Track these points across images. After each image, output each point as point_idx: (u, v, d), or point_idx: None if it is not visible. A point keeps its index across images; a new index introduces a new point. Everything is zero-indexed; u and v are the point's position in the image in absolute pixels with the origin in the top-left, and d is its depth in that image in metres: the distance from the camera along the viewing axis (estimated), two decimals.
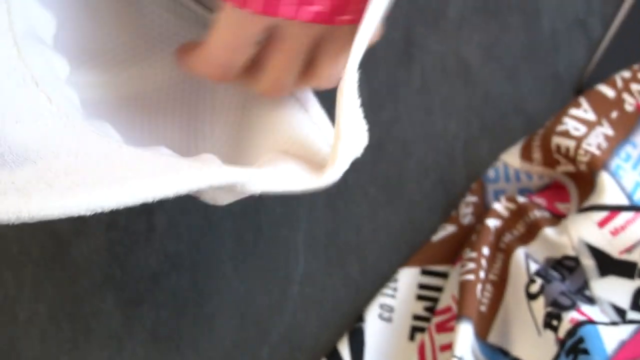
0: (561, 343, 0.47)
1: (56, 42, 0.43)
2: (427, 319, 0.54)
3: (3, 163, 0.31)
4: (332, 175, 0.39)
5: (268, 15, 0.38)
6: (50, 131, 0.35)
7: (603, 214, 0.50)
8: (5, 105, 0.35)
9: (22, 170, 0.32)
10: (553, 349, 0.48)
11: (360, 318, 0.54)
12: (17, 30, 0.38)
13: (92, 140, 0.35)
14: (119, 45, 0.49)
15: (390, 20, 0.57)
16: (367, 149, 0.56)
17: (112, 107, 0.49)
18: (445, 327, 0.53)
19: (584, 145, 0.52)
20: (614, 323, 0.49)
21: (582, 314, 0.48)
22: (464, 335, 0.49)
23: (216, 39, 0.42)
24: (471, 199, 0.55)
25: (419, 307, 0.54)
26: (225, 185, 0.35)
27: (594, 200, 0.51)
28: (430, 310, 0.54)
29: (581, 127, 0.53)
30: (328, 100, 0.44)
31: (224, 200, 0.42)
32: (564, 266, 0.51)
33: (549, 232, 0.51)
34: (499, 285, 0.53)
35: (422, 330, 0.54)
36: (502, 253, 0.53)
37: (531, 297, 0.50)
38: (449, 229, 0.55)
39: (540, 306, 0.49)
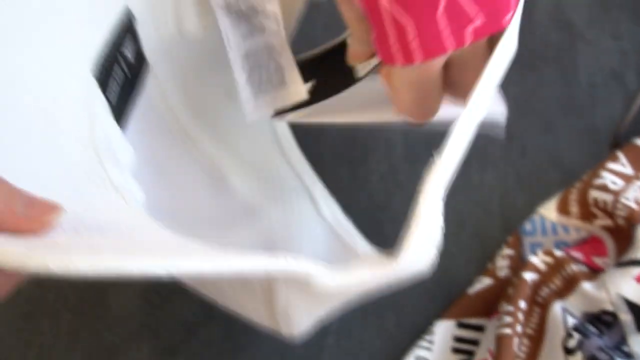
0: None
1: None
2: None
3: (75, 233, 0.32)
4: (406, 262, 0.37)
5: (436, 56, 0.38)
6: (121, 217, 0.37)
7: None
8: (82, 196, 0.37)
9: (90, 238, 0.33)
10: None
11: None
12: (98, 143, 0.40)
13: (153, 228, 0.37)
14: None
15: None
16: (404, 202, 0.56)
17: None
18: None
19: (622, 200, 0.52)
20: None
21: None
22: None
23: (404, 102, 0.42)
24: (508, 251, 0.55)
25: None
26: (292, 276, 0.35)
27: (632, 254, 0.50)
28: None
29: (619, 181, 0.53)
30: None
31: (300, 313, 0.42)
32: (601, 321, 0.51)
33: (586, 286, 0.51)
34: (536, 339, 0.52)
35: None
36: (539, 307, 0.52)
37: (569, 352, 0.49)
38: (485, 282, 0.55)
39: None
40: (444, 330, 0.55)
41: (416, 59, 0.38)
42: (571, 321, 0.50)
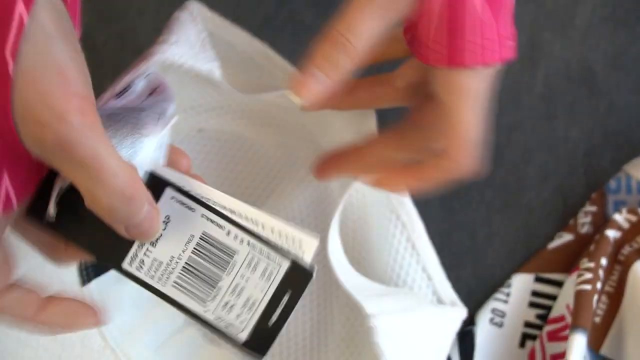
0: None
1: None
2: (538, 327, 0.54)
3: None
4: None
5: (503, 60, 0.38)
6: None
7: None
8: None
9: None
10: None
11: (471, 321, 0.54)
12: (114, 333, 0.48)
13: None
14: None
15: (516, 23, 0.56)
16: (487, 153, 0.56)
17: None
18: (558, 336, 0.52)
19: None
20: None
21: None
22: (579, 346, 0.49)
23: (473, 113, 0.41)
24: (591, 208, 0.55)
25: (531, 314, 0.54)
26: None
27: None
28: (543, 318, 0.54)
29: None
30: None
31: None
32: None
33: None
34: (615, 297, 0.52)
35: (533, 337, 0.54)
36: (620, 265, 0.52)
37: None
38: (565, 238, 0.55)
39: None
40: (521, 284, 0.55)
41: (492, 59, 0.38)
42: None
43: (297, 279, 0.35)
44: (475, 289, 0.56)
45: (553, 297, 0.54)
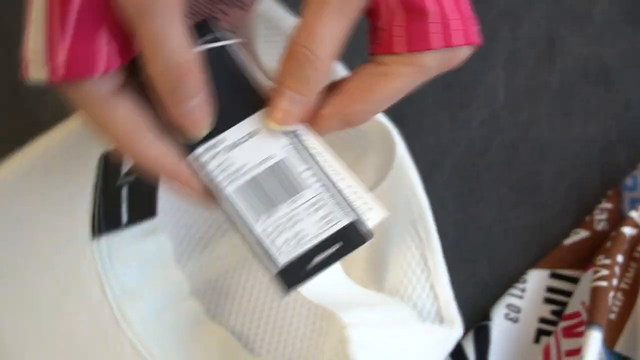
0: None
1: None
2: (554, 323, 0.54)
3: None
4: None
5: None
6: None
7: None
8: None
9: None
10: None
11: (486, 316, 0.54)
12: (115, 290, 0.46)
13: None
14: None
15: (534, 18, 0.56)
16: (502, 149, 0.56)
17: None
18: (573, 333, 0.52)
19: None
20: None
21: None
22: (594, 343, 0.49)
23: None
24: (607, 205, 0.55)
25: (547, 310, 0.54)
26: None
27: None
28: (558, 314, 0.54)
29: None
30: None
31: None
32: None
33: None
34: (631, 294, 0.52)
35: (548, 333, 0.54)
36: (636, 262, 0.52)
37: None
38: (581, 234, 0.55)
39: None
40: (537, 280, 0.55)
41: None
42: None
43: (352, 237, 0.35)
44: (490, 284, 0.56)
45: (568, 294, 0.54)
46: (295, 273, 0.35)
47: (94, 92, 0.33)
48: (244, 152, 0.36)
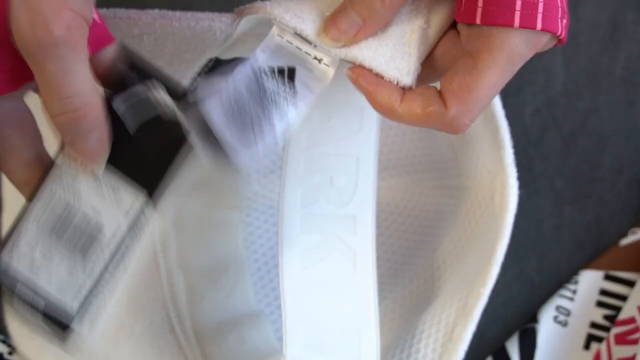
0: None
1: None
2: (605, 328, 0.52)
3: None
4: None
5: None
6: None
7: None
8: None
9: None
10: None
11: (533, 318, 0.52)
12: None
13: None
14: None
15: (597, 1, 0.53)
16: (558, 139, 0.53)
17: None
18: (626, 340, 0.50)
19: None
20: None
21: None
22: None
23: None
24: None
25: (598, 315, 0.52)
26: None
27: None
28: (611, 319, 0.52)
29: None
30: None
31: None
32: None
33: None
34: None
35: (599, 339, 0.52)
36: None
37: None
38: None
39: None
40: (589, 281, 0.53)
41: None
42: None
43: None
44: (539, 284, 0.54)
45: (623, 298, 0.52)
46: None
47: None
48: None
